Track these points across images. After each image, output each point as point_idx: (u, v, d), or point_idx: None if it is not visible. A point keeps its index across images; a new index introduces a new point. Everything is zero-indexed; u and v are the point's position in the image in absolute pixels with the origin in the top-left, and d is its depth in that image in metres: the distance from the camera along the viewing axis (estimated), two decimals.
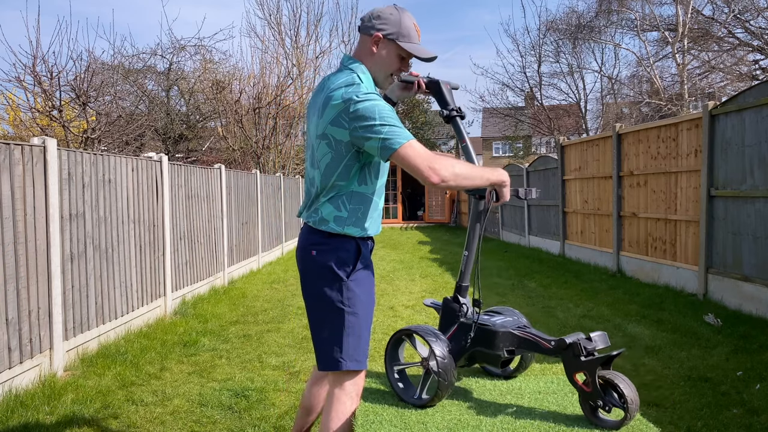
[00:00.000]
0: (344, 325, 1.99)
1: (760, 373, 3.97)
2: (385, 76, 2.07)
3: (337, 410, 2.01)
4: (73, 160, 4.52)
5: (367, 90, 1.90)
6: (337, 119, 1.89)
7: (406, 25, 2.00)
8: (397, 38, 2.00)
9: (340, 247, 2.00)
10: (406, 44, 2.00)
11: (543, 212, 11.91)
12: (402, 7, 2.05)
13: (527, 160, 23.52)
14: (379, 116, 1.84)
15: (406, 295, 7.25)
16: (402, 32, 2.00)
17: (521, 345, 2.10)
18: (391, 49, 2.02)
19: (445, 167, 1.87)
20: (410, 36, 2.01)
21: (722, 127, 6.16)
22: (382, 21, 2.01)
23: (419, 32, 2.05)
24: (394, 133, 1.84)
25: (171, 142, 15.65)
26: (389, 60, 2.03)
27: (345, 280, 1.98)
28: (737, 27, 16.36)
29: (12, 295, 3.71)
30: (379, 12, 2.03)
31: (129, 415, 3.48)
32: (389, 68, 2.05)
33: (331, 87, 1.96)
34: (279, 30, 17.62)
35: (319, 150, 1.98)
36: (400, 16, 2.01)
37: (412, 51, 2.01)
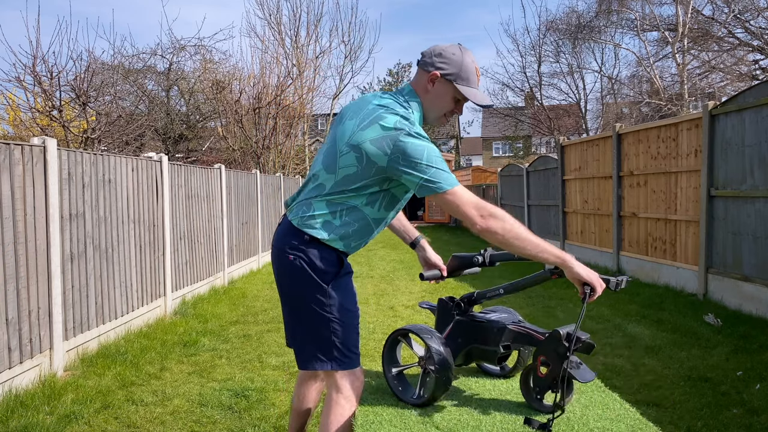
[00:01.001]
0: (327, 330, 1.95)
1: (760, 373, 3.97)
2: (438, 115, 2.00)
3: (335, 413, 2.00)
4: (73, 160, 4.52)
5: (420, 130, 1.85)
6: (381, 142, 1.82)
7: (466, 68, 1.93)
8: (455, 80, 1.93)
9: (319, 255, 1.93)
10: (463, 87, 1.93)
11: (543, 212, 11.91)
12: (466, 48, 1.98)
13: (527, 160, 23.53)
14: (427, 157, 1.79)
15: (406, 295, 7.25)
16: (461, 74, 1.92)
17: (516, 340, 2.11)
18: (448, 89, 1.95)
19: (494, 214, 1.80)
20: (469, 79, 1.93)
21: (722, 127, 6.16)
22: (443, 60, 1.93)
23: (479, 75, 1.98)
24: (439, 177, 1.80)
25: (171, 142, 15.65)
26: (444, 100, 1.97)
27: (325, 287, 1.93)
28: (737, 27, 16.36)
29: (12, 295, 3.71)
30: (442, 50, 1.95)
31: (129, 415, 3.48)
32: (443, 108, 1.98)
33: (385, 106, 1.88)
34: (279, 30, 17.63)
35: (345, 158, 1.88)
36: (463, 57, 1.93)
37: (468, 95, 1.93)
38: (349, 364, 2.00)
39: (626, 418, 1.98)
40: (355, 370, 2.04)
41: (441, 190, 1.80)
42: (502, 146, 43.15)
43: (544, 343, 1.98)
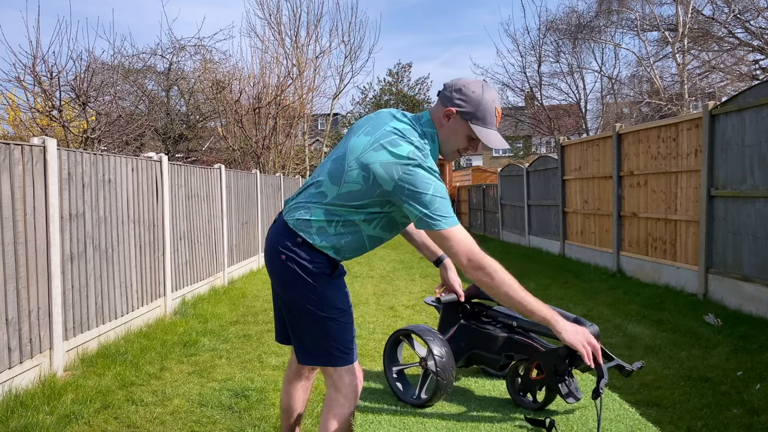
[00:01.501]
0: (318, 325, 1.98)
1: (760, 373, 3.97)
2: (451, 150, 1.97)
3: (334, 412, 2.01)
4: (73, 160, 4.52)
5: (432, 164, 1.84)
6: (390, 168, 1.82)
7: (485, 108, 1.88)
8: (470, 119, 1.88)
9: (309, 258, 1.94)
10: (477, 128, 1.89)
11: (543, 212, 11.90)
12: (489, 86, 1.92)
13: (527, 160, 23.52)
14: (432, 193, 1.79)
15: (406, 295, 7.25)
16: (478, 114, 1.88)
17: (520, 350, 2.11)
18: (463, 127, 1.91)
19: (484, 267, 1.79)
20: (485, 120, 1.89)
21: (722, 127, 6.16)
22: (461, 96, 1.89)
23: (500, 115, 1.92)
24: (440, 214, 1.80)
25: (171, 142, 15.65)
26: (458, 136, 1.93)
27: (316, 287, 1.94)
28: (737, 27, 16.36)
29: (12, 295, 3.71)
30: (463, 85, 1.90)
31: (129, 415, 3.48)
32: (456, 144, 1.95)
33: (401, 132, 1.88)
34: (279, 30, 17.63)
35: (351, 174, 1.88)
36: (482, 96, 1.88)
37: (482, 137, 1.89)
38: (345, 361, 2.02)
39: (626, 418, 1.98)
40: (352, 368, 2.05)
41: (438, 228, 1.80)
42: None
43: (544, 355, 1.98)
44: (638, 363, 1.99)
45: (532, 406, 2.02)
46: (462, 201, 20.86)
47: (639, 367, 1.98)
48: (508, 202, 14.34)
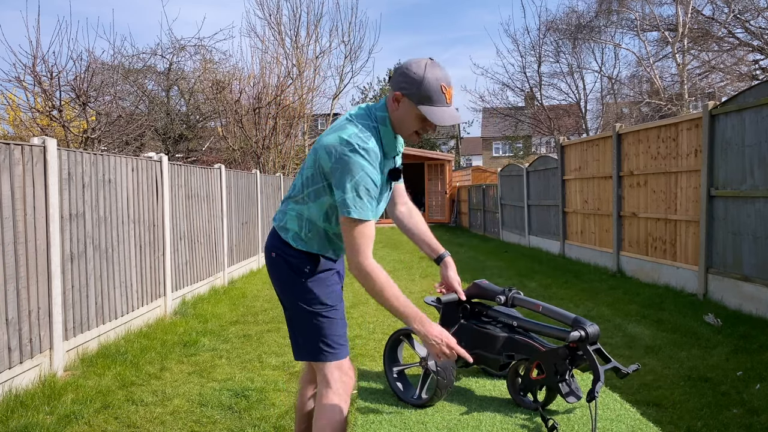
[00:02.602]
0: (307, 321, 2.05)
1: (760, 373, 3.97)
2: (407, 133, 1.98)
3: (325, 408, 2.01)
4: (73, 160, 4.52)
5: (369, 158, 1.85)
6: (331, 148, 1.87)
7: (428, 87, 1.85)
8: (417, 101, 1.87)
9: (295, 254, 2.06)
10: (425, 108, 1.87)
11: (543, 212, 11.90)
12: (434, 64, 1.89)
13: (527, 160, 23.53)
14: (357, 180, 1.82)
15: (406, 295, 7.25)
16: (422, 94, 1.85)
17: (520, 350, 2.11)
18: (411, 109, 1.90)
19: (365, 272, 1.87)
20: (431, 98, 1.86)
21: (722, 127, 6.16)
22: (404, 79, 1.88)
23: (449, 92, 1.89)
24: (355, 203, 1.83)
25: (171, 142, 15.65)
26: (409, 119, 1.92)
27: (304, 282, 2.03)
28: (737, 27, 16.36)
29: (12, 295, 3.71)
30: (406, 68, 1.90)
31: (129, 415, 3.48)
32: (410, 126, 1.95)
33: (352, 118, 1.94)
34: (279, 30, 17.62)
35: (307, 160, 2.02)
36: (424, 75, 1.85)
37: (429, 116, 1.86)
38: (334, 356, 2.04)
39: (626, 418, 1.98)
40: (342, 364, 2.05)
41: (348, 214, 1.84)
42: (502, 146, 43.14)
43: (544, 354, 1.98)
44: (634, 366, 2.00)
45: (533, 405, 2.02)
46: (462, 201, 20.85)
47: (635, 370, 1.99)
48: (508, 202, 14.34)
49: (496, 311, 2.26)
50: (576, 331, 1.89)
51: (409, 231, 2.33)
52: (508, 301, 2.22)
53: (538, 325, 2.11)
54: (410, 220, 2.33)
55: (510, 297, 2.22)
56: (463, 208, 20.62)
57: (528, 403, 2.04)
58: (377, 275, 1.88)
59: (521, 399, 2.06)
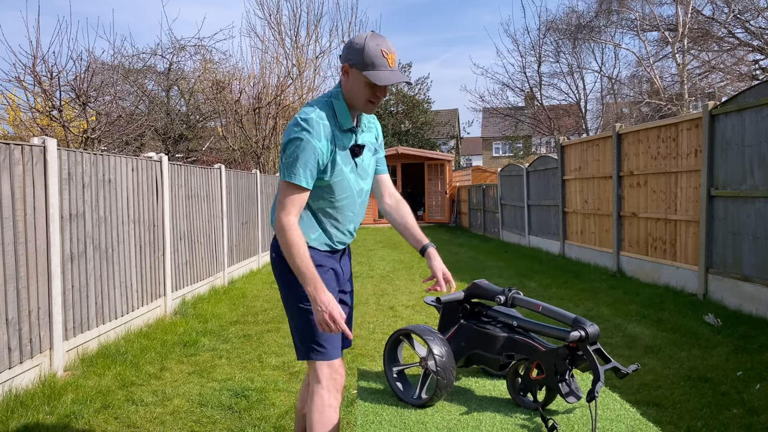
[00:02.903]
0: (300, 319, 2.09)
1: (760, 373, 3.97)
2: (362, 103, 2.07)
3: (316, 405, 2.04)
4: (73, 160, 4.52)
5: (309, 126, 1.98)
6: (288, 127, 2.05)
7: (369, 53, 1.98)
8: (361, 68, 2.00)
9: None
10: (369, 73, 1.99)
11: (543, 212, 11.90)
12: (375, 34, 2.04)
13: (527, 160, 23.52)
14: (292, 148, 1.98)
15: (406, 295, 7.25)
16: (366, 60, 1.99)
17: (520, 350, 2.11)
18: (358, 76, 2.02)
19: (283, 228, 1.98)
20: (374, 63, 1.99)
21: (722, 127, 6.16)
22: (348, 50, 2.03)
23: (391, 57, 2.02)
24: (289, 168, 1.99)
25: (171, 142, 15.64)
26: (359, 88, 2.04)
27: (295, 279, 2.07)
28: (737, 27, 16.36)
29: (12, 295, 3.71)
30: (350, 41, 2.05)
31: (129, 415, 3.48)
32: (362, 95, 2.05)
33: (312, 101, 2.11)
34: (279, 30, 17.63)
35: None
36: (365, 44, 2.00)
37: (373, 79, 1.98)
38: (324, 355, 2.05)
39: (626, 418, 1.98)
40: (333, 363, 2.07)
41: (282, 177, 2.02)
42: (502, 146, 43.13)
43: (544, 354, 1.98)
44: (633, 366, 2.00)
45: (533, 405, 2.02)
46: (462, 201, 20.85)
47: (634, 370, 1.99)
48: (508, 202, 14.33)
49: (495, 311, 2.26)
50: (576, 331, 1.89)
51: (395, 222, 2.38)
52: (508, 301, 2.22)
53: (538, 325, 2.11)
54: (397, 212, 2.38)
55: (510, 297, 2.22)
56: (463, 208, 20.62)
57: (528, 403, 2.04)
58: (290, 231, 1.99)
59: (521, 399, 2.06)
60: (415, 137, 30.93)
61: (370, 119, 2.25)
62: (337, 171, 2.06)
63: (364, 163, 2.18)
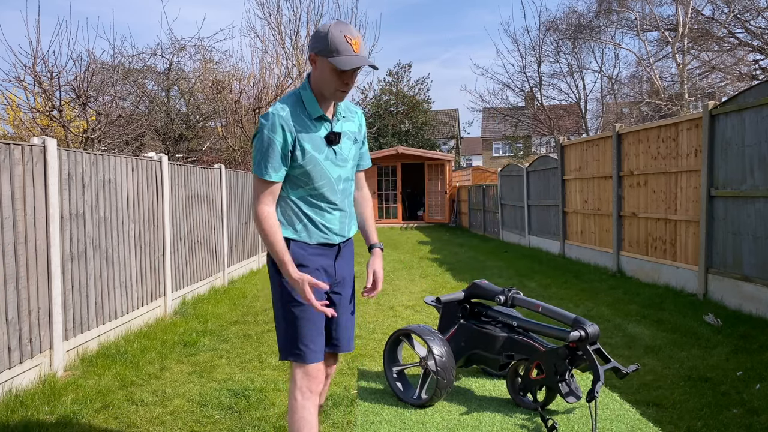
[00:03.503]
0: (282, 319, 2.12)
1: (760, 373, 3.97)
2: (331, 91, 2.09)
3: (290, 405, 2.07)
4: (73, 160, 4.52)
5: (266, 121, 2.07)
6: None
7: (333, 40, 2.00)
8: (327, 55, 2.02)
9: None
10: (334, 59, 2.01)
11: (543, 212, 11.90)
12: (339, 22, 2.07)
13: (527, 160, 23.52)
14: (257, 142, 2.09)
15: (406, 295, 7.25)
16: (330, 47, 2.01)
17: (520, 350, 2.11)
18: (325, 65, 2.04)
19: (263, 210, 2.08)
20: (338, 50, 2.00)
21: (722, 127, 6.16)
22: (314, 40, 2.06)
23: (355, 42, 2.02)
24: (256, 163, 2.09)
25: (171, 142, 15.63)
26: (326, 76, 2.06)
27: (280, 280, 2.11)
28: (737, 27, 16.36)
29: (12, 295, 3.71)
30: (315, 31, 2.09)
31: (129, 415, 3.48)
32: (331, 83, 2.07)
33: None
34: (279, 30, 17.63)
35: None
36: (329, 31, 2.02)
37: (337, 65, 2.00)
38: (300, 358, 2.04)
39: (626, 417, 1.97)
40: (308, 370, 2.06)
41: (252, 171, 2.11)
42: (502, 146, 43.13)
43: (544, 354, 1.99)
44: (633, 366, 2.00)
45: (533, 405, 2.02)
46: (462, 201, 20.85)
47: (634, 370, 1.99)
48: (508, 202, 14.33)
49: (495, 311, 2.26)
50: (576, 331, 1.89)
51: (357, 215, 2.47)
52: (508, 301, 2.22)
53: (538, 325, 2.11)
54: (359, 207, 2.46)
55: (510, 297, 2.22)
56: (463, 208, 20.62)
57: (528, 403, 2.04)
58: (266, 221, 2.08)
59: (521, 399, 2.06)
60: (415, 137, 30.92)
61: (351, 108, 2.27)
62: (309, 158, 2.10)
63: (343, 151, 2.20)
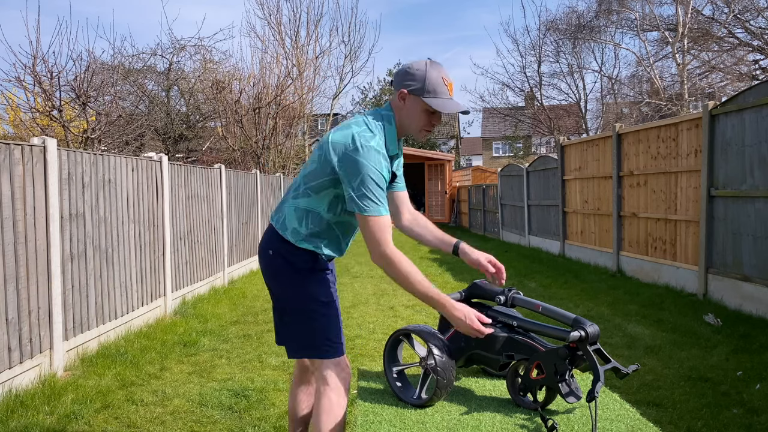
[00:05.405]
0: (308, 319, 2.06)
1: (760, 373, 3.97)
2: (416, 129, 2.07)
3: (324, 406, 2.02)
4: (73, 160, 4.52)
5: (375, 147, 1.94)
6: (340, 145, 1.96)
7: (431, 81, 1.99)
8: (421, 94, 2.00)
9: (293, 252, 2.08)
10: (430, 99, 1.99)
11: (543, 212, 11.90)
12: (434, 62, 2.04)
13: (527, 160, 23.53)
14: (365, 174, 1.90)
15: (406, 295, 7.25)
16: (427, 88, 1.99)
17: (520, 350, 2.11)
18: (417, 103, 2.02)
19: (390, 261, 1.95)
20: (436, 91, 1.99)
21: (722, 127, 6.16)
22: (408, 77, 2.01)
23: (450, 85, 2.03)
24: (366, 201, 1.91)
25: (171, 142, 15.63)
26: (416, 114, 2.04)
27: (302, 280, 2.06)
28: (737, 27, 16.36)
29: (12, 295, 3.71)
30: (407, 67, 2.04)
31: (129, 415, 3.48)
32: (418, 121, 2.05)
33: (362, 118, 2.03)
34: (279, 30, 17.63)
35: (313, 155, 2.07)
36: (426, 71, 2.00)
37: (435, 106, 1.99)
38: (331, 353, 2.05)
39: (626, 417, 1.98)
40: (340, 361, 2.07)
41: (361, 212, 1.93)
42: (502, 146, 43.13)
43: (544, 354, 1.99)
44: (633, 366, 2.00)
45: (533, 405, 2.02)
46: (462, 201, 20.85)
47: (634, 370, 1.99)
48: (507, 202, 14.33)
49: (495, 311, 2.26)
50: (576, 331, 1.89)
51: (419, 234, 2.38)
52: (508, 301, 2.22)
53: (538, 325, 2.11)
54: (418, 224, 2.39)
55: (510, 297, 2.22)
56: (463, 208, 20.62)
57: (528, 403, 2.04)
58: (400, 261, 1.97)
59: (521, 399, 2.06)
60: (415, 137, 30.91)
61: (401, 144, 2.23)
62: None
63: None
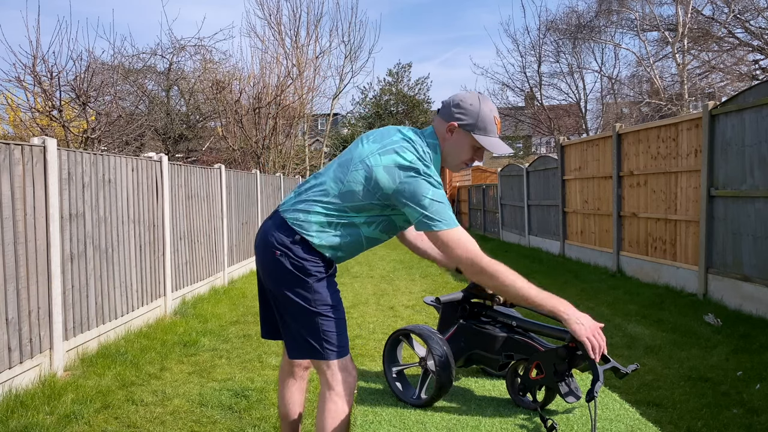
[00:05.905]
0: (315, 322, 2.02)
1: (760, 373, 3.97)
2: (457, 162, 2.06)
3: (329, 410, 2.01)
4: (73, 160, 4.52)
5: (434, 173, 1.93)
6: (393, 172, 1.91)
7: (484, 118, 1.98)
8: (472, 130, 1.98)
9: (304, 255, 2.00)
10: (480, 137, 1.98)
11: (543, 212, 11.90)
12: (485, 97, 2.03)
13: (527, 160, 23.53)
14: (431, 197, 1.87)
15: (406, 295, 7.25)
16: (479, 125, 1.98)
17: (519, 350, 2.10)
18: (466, 139, 2.01)
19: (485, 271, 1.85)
20: (486, 129, 1.99)
21: (722, 127, 6.16)
22: (460, 110, 1.99)
23: (499, 124, 2.03)
24: (440, 216, 1.87)
25: (171, 142, 15.63)
26: (462, 148, 2.03)
27: (309, 283, 2.00)
28: (737, 27, 16.36)
29: (12, 295, 3.71)
30: (460, 100, 2.01)
31: (129, 415, 3.48)
32: (462, 156, 2.04)
33: (409, 141, 1.97)
34: (279, 30, 17.63)
35: (355, 174, 1.97)
36: (480, 107, 1.98)
37: (486, 145, 1.99)
38: (336, 354, 2.04)
39: (626, 417, 1.98)
40: (347, 365, 2.06)
41: (437, 229, 1.87)
42: None
43: (544, 354, 1.98)
44: (633, 365, 1.99)
45: (532, 405, 2.02)
46: (462, 201, 20.85)
47: (633, 370, 1.99)
48: (508, 202, 14.33)
49: (495, 311, 2.26)
50: None
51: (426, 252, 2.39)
52: (508, 301, 2.22)
53: (538, 325, 2.11)
54: (422, 242, 2.38)
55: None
56: (463, 208, 20.62)
57: (527, 403, 2.04)
58: (499, 272, 1.86)
59: (520, 399, 2.06)
60: None
61: None
62: None
63: None
